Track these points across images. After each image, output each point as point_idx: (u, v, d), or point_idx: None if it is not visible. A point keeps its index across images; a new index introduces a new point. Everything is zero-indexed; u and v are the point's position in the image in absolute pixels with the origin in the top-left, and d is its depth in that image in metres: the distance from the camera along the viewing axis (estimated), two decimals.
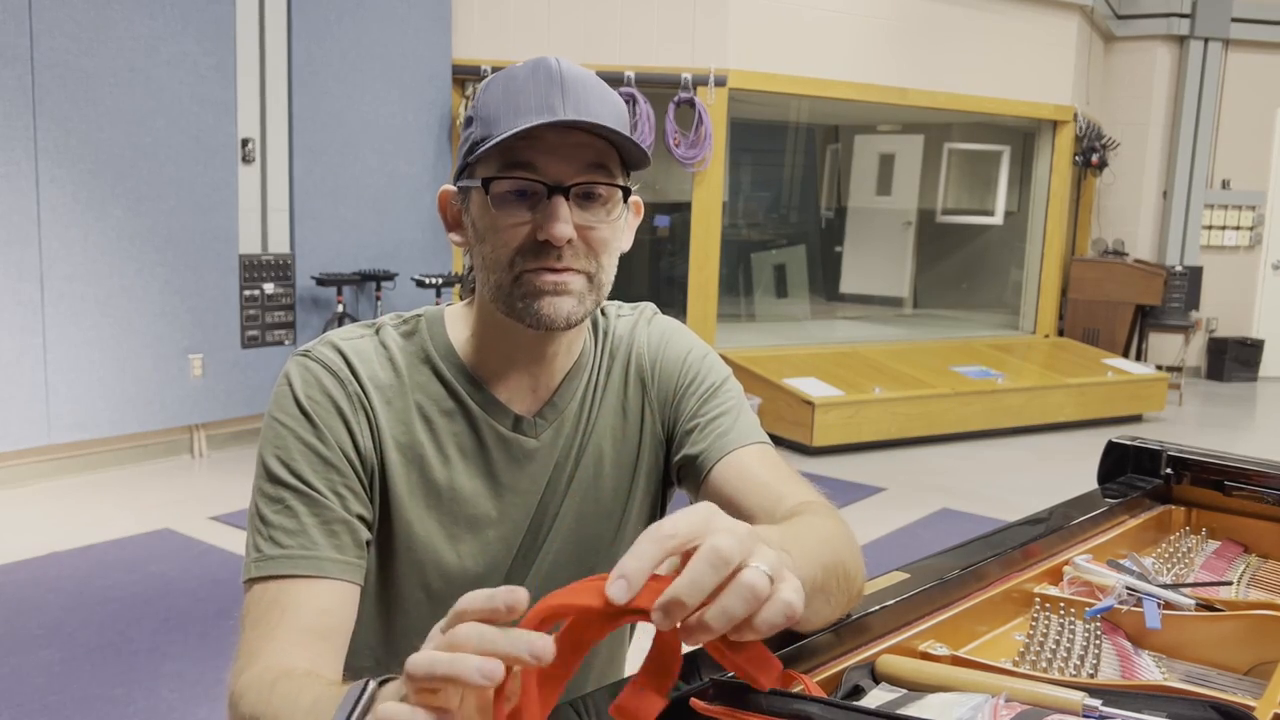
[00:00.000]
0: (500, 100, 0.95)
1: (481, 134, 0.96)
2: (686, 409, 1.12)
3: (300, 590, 0.92)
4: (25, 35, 4.46)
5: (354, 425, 0.99)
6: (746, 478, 1.06)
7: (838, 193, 10.23)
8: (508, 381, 1.05)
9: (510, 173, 0.94)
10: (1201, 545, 1.48)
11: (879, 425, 6.00)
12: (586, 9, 6.38)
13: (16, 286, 4.54)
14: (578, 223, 0.95)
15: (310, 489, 0.96)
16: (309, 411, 0.98)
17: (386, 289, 5.84)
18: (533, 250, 0.95)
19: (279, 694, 0.81)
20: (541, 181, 0.94)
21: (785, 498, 1.02)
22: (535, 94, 0.94)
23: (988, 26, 7.51)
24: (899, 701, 0.91)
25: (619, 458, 1.11)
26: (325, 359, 1.01)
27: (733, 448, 1.08)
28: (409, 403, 1.02)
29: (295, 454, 0.97)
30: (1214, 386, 8.81)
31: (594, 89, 0.96)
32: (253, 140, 5.35)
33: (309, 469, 0.97)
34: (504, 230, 0.95)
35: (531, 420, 1.06)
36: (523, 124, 0.92)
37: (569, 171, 0.94)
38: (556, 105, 0.93)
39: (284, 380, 1.01)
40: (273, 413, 1.00)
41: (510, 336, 1.02)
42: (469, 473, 1.04)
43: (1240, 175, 9.07)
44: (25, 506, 4.44)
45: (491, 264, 0.98)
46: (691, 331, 1.19)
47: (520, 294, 0.97)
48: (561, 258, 0.95)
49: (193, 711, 2.74)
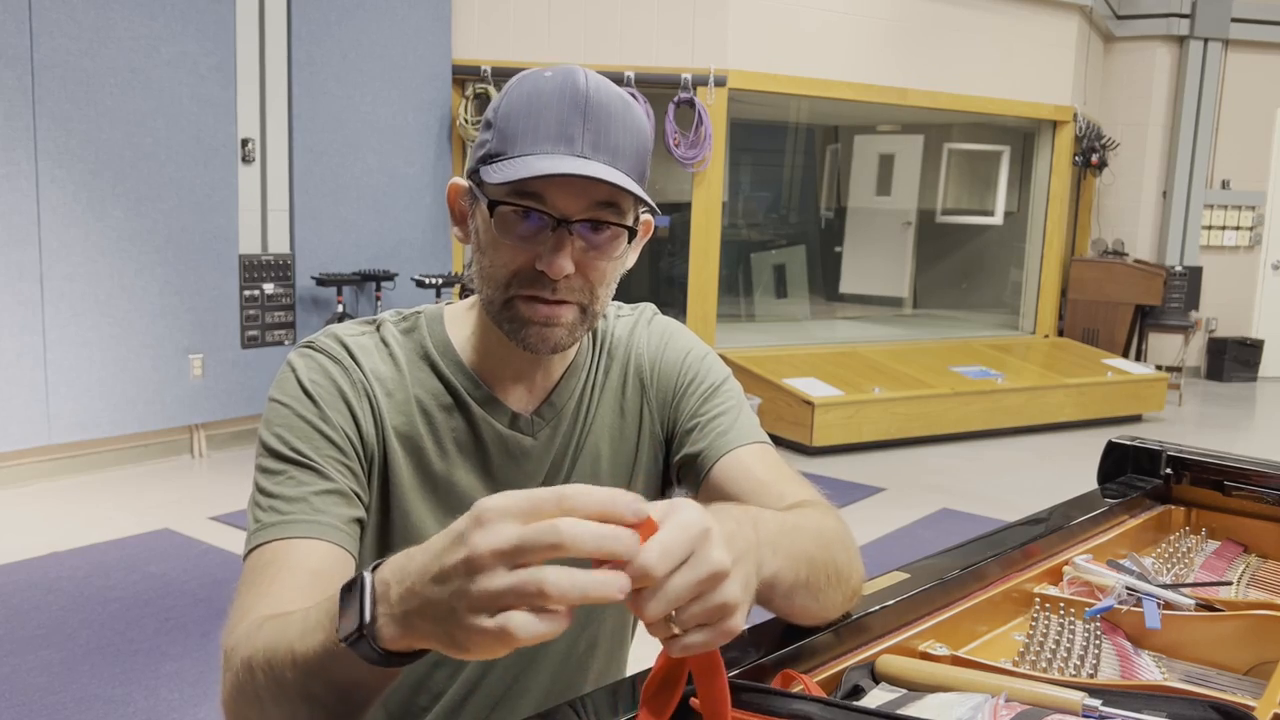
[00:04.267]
0: (522, 115, 0.93)
1: (497, 147, 0.94)
2: (686, 408, 1.13)
3: (297, 550, 0.92)
4: (25, 35, 4.46)
5: (358, 411, 1.00)
6: (747, 477, 1.06)
7: (837, 193, 10.23)
8: (505, 380, 1.05)
9: (518, 200, 0.92)
10: (1201, 545, 1.48)
11: (879, 425, 6.00)
12: (586, 9, 6.38)
13: (17, 286, 4.54)
14: (578, 258, 0.94)
15: (310, 462, 0.96)
16: (312, 394, 0.99)
17: (386, 289, 5.84)
18: (530, 277, 0.95)
19: (266, 631, 0.80)
20: (548, 214, 0.93)
21: (785, 496, 1.03)
22: (557, 119, 0.92)
23: (987, 26, 7.51)
24: (899, 701, 0.91)
25: (616, 457, 1.12)
26: (329, 349, 1.02)
27: (733, 447, 1.09)
28: (409, 396, 1.03)
29: (296, 431, 0.97)
30: (1213, 386, 8.81)
31: (618, 117, 0.94)
32: (253, 140, 5.36)
33: (309, 446, 0.97)
34: (505, 251, 0.95)
35: (529, 419, 1.06)
36: (537, 156, 0.91)
37: (577, 207, 0.93)
38: (575, 136, 0.92)
39: (287, 368, 1.01)
40: (275, 396, 1.00)
41: (507, 340, 1.03)
42: (466, 468, 1.04)
43: (1240, 175, 9.07)
44: (25, 506, 4.44)
45: (488, 277, 0.97)
46: (691, 332, 1.19)
47: (509, 315, 0.97)
48: (557, 290, 0.95)
49: (193, 711, 2.74)
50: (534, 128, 0.92)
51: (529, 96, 0.94)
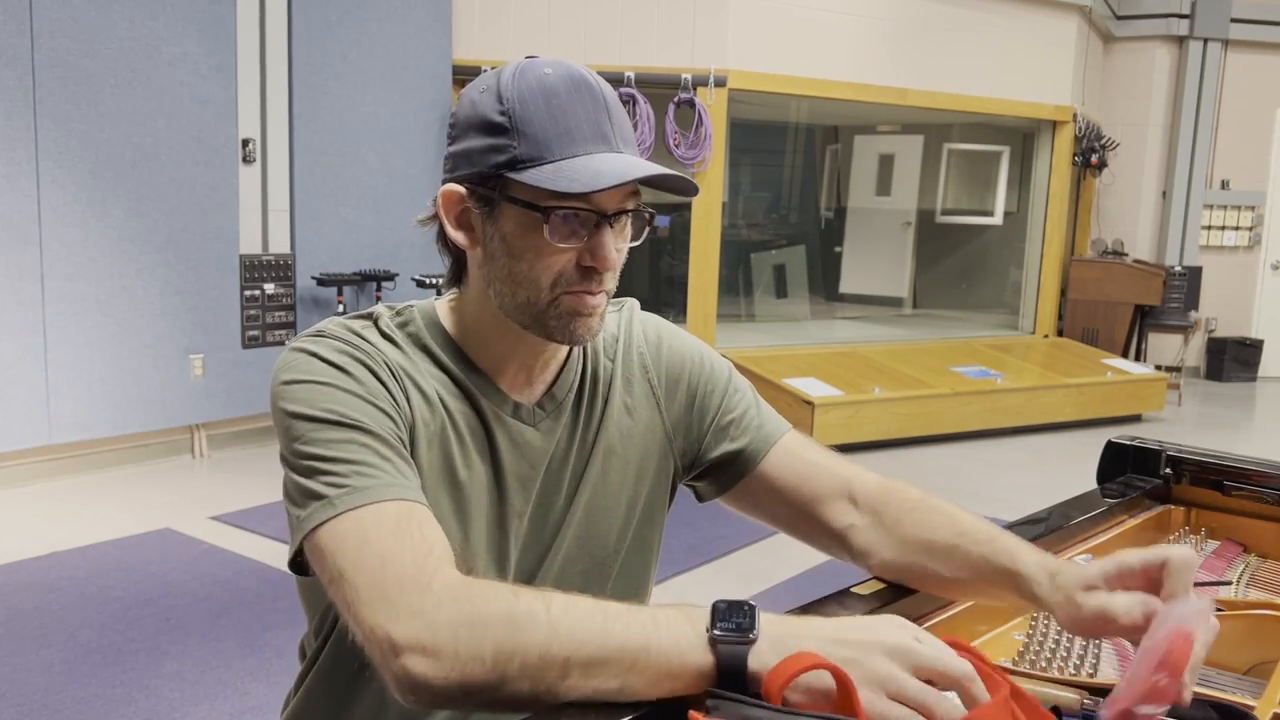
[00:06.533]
0: (546, 116, 0.93)
1: (529, 151, 0.93)
2: (710, 406, 1.15)
3: (419, 513, 0.88)
4: (26, 36, 4.46)
5: (391, 388, 0.97)
6: (801, 463, 1.13)
7: (837, 193, 10.24)
8: (506, 372, 1.05)
9: (569, 204, 0.93)
10: (1201, 545, 1.48)
11: (879, 425, 6.00)
12: (587, 9, 6.38)
13: (17, 286, 4.54)
14: (615, 247, 0.98)
15: (375, 431, 0.92)
16: (346, 369, 0.95)
17: (387, 289, 5.84)
18: (575, 275, 0.96)
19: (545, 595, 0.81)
20: (594, 211, 0.95)
21: (850, 480, 1.11)
22: (586, 118, 0.94)
23: (987, 27, 7.51)
24: None
25: (627, 454, 1.12)
26: (343, 335, 0.99)
27: (776, 438, 1.14)
28: (427, 382, 1.02)
29: (346, 404, 0.93)
30: (1213, 386, 8.81)
31: (620, 106, 0.99)
32: (253, 141, 5.36)
33: (366, 416, 0.92)
34: (551, 255, 0.95)
35: (531, 409, 1.06)
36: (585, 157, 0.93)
37: (614, 200, 0.96)
38: (609, 134, 0.95)
39: (300, 353, 0.97)
40: (299, 377, 0.95)
41: (513, 336, 1.03)
42: (479, 455, 1.03)
43: (1239, 175, 9.07)
44: (25, 506, 4.44)
45: (524, 281, 0.97)
46: (677, 326, 1.21)
47: (556, 314, 0.98)
48: (602, 282, 0.98)
49: (192, 711, 2.74)
50: (567, 129, 0.93)
51: (544, 95, 0.94)
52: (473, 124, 0.97)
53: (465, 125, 0.98)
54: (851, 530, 1.10)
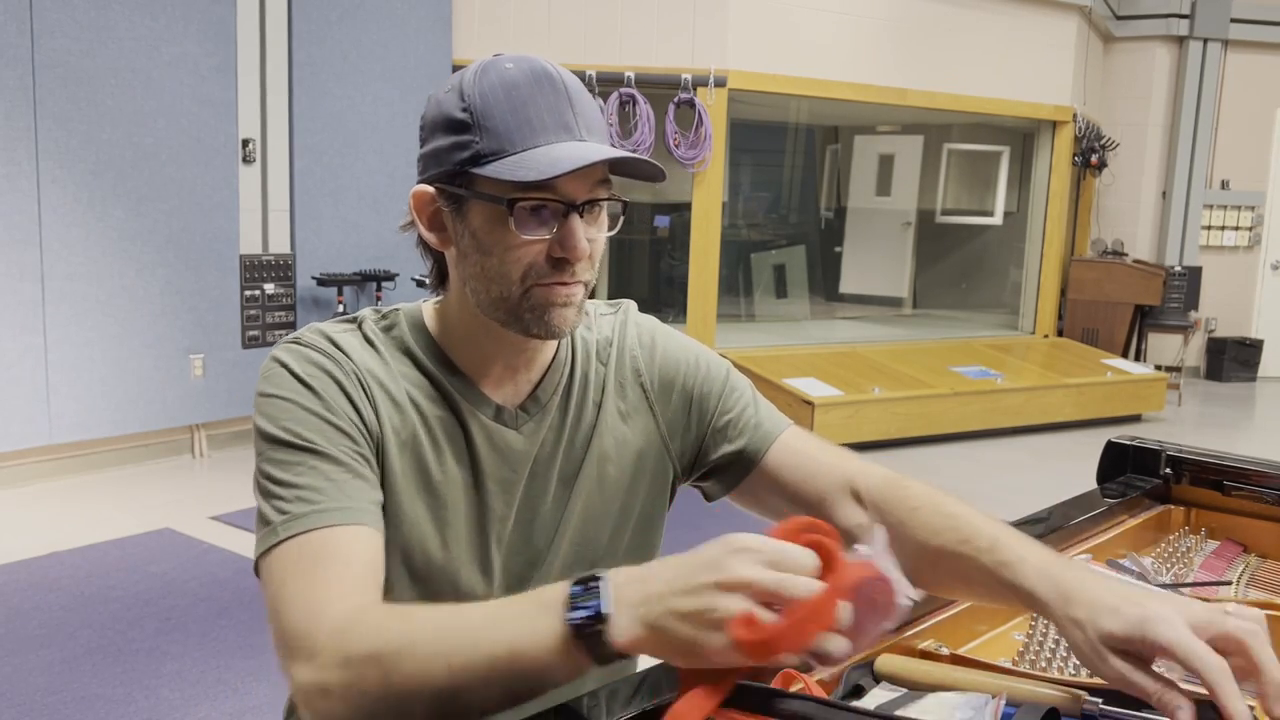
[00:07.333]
0: (506, 110, 0.94)
1: (490, 146, 0.94)
2: (707, 408, 1.14)
3: (341, 538, 0.90)
4: (26, 36, 4.46)
5: (356, 400, 0.98)
6: (805, 459, 1.11)
7: (837, 193, 10.24)
8: (489, 375, 1.05)
9: (534, 194, 0.93)
10: (1201, 545, 1.48)
11: (878, 425, 6.00)
12: (586, 9, 6.38)
13: (18, 286, 4.54)
14: (586, 237, 0.96)
15: (324, 450, 0.94)
16: (312, 385, 0.97)
17: (387, 289, 5.84)
18: (545, 267, 0.96)
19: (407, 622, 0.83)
20: (561, 201, 0.94)
21: (854, 476, 1.08)
22: (547, 108, 0.94)
23: (987, 27, 7.51)
24: (900, 701, 0.91)
25: (621, 459, 1.11)
26: (317, 344, 1.00)
27: (775, 435, 1.12)
28: (400, 389, 1.02)
29: (303, 422, 0.95)
30: (1213, 386, 8.81)
31: (587, 97, 0.98)
32: (253, 141, 5.36)
33: (319, 435, 0.95)
34: (519, 248, 0.95)
35: (513, 412, 1.06)
36: (546, 147, 0.93)
37: (583, 189, 0.95)
38: (571, 123, 0.95)
39: (275, 364, 0.99)
40: (269, 391, 0.97)
41: (494, 335, 1.02)
42: (455, 458, 1.03)
43: (1239, 175, 9.07)
44: (25, 506, 4.44)
45: (495, 277, 0.97)
46: (672, 329, 1.21)
47: (529, 306, 0.97)
48: (575, 273, 0.97)
49: (192, 711, 2.74)
50: (527, 120, 0.93)
51: (504, 90, 0.95)
52: (438, 124, 0.98)
53: (431, 126, 0.99)
54: (859, 530, 1.10)
